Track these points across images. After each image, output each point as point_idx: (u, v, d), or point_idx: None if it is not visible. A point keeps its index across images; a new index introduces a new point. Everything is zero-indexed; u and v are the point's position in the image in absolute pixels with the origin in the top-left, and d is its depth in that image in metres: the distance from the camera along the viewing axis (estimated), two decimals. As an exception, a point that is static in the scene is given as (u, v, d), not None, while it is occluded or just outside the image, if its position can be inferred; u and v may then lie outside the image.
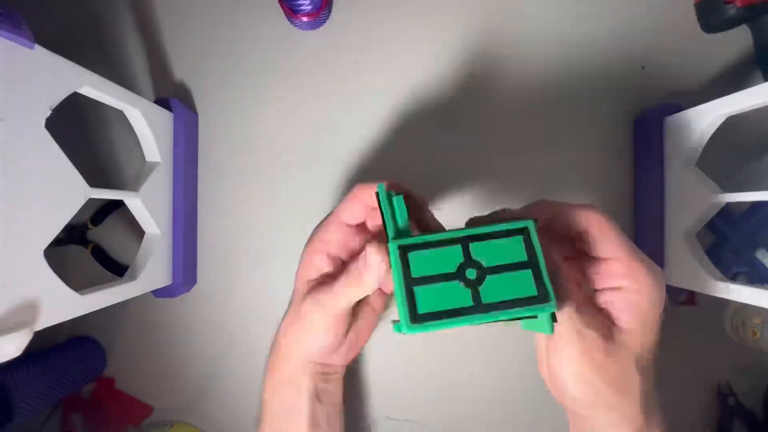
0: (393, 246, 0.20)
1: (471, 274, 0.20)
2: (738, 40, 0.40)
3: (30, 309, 0.25)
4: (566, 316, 0.23)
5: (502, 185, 0.42)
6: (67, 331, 0.43)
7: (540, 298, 0.20)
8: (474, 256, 0.20)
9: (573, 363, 0.23)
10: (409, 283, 0.19)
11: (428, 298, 0.19)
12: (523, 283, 0.20)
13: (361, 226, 0.30)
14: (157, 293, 0.40)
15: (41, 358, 0.39)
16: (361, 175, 0.42)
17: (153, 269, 0.37)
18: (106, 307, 0.32)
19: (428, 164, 0.42)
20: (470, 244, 0.20)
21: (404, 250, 0.20)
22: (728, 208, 0.39)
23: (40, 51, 0.25)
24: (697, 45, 0.40)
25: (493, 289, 0.20)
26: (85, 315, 0.30)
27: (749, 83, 0.40)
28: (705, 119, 0.33)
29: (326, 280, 0.29)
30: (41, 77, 0.25)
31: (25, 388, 0.36)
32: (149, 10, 0.43)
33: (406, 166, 0.42)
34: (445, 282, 0.20)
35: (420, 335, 0.41)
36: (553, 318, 0.21)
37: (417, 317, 0.19)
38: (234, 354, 0.43)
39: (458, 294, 0.19)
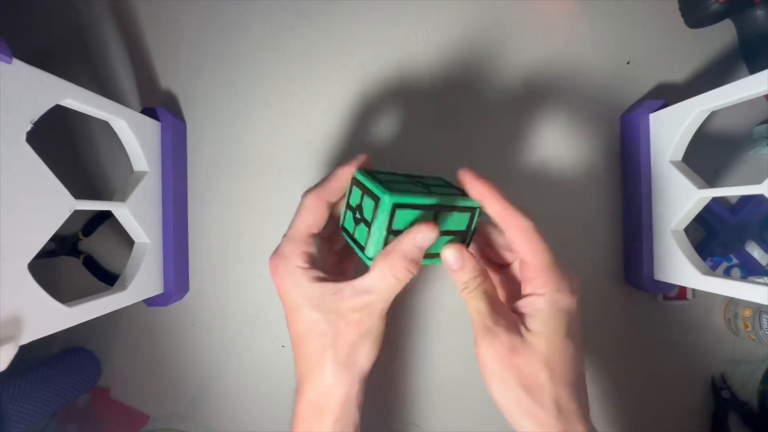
0: (389, 203, 0.25)
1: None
2: (723, 35, 0.40)
3: (15, 323, 0.25)
4: (477, 312, 0.25)
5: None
6: (60, 342, 0.43)
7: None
8: (437, 222, 0.27)
9: (489, 361, 0.25)
10: (390, 231, 0.26)
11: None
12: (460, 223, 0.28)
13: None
14: (149, 302, 0.40)
15: (35, 370, 0.39)
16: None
17: (143, 279, 0.37)
18: (100, 317, 0.32)
19: (418, 164, 0.42)
20: (438, 215, 0.27)
21: (395, 207, 0.25)
22: (717, 202, 0.39)
23: (18, 65, 0.25)
24: (682, 40, 0.40)
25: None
26: (79, 325, 0.30)
27: (735, 77, 0.40)
28: (690, 114, 0.33)
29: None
30: (20, 91, 0.25)
31: (18, 400, 0.36)
32: (134, 21, 0.43)
33: (397, 167, 0.42)
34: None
35: (414, 339, 0.42)
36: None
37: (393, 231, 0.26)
38: (229, 361, 0.43)
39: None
